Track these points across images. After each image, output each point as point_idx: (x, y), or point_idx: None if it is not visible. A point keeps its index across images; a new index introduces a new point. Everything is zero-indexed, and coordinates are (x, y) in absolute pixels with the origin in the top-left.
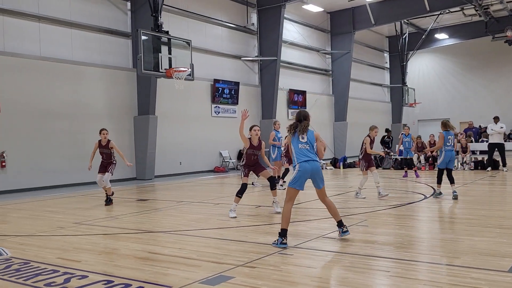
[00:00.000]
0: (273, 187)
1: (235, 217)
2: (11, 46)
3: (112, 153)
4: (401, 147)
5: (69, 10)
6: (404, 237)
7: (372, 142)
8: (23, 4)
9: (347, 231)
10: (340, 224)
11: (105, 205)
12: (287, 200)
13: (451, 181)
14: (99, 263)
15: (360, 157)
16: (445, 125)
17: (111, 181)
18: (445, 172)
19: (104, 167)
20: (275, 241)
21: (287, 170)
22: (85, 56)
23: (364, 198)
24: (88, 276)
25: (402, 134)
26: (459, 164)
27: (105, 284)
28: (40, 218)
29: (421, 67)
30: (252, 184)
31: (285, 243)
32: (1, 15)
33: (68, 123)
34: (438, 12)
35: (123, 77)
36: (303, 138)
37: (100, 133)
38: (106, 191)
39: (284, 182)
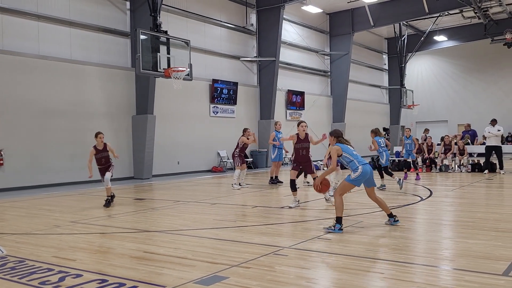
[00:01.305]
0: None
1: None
2: (10, 44)
3: (110, 156)
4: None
5: (68, 9)
6: (400, 239)
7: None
8: (22, 3)
9: (398, 220)
10: (390, 215)
11: (105, 206)
12: (341, 193)
13: (390, 174)
14: (94, 262)
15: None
16: (375, 132)
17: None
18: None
19: (105, 170)
20: (331, 227)
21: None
22: (84, 55)
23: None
24: (82, 275)
25: (404, 136)
26: (456, 166)
27: (99, 283)
28: (37, 216)
29: (419, 69)
30: (240, 184)
31: (342, 229)
32: (1, 13)
33: (66, 121)
34: (437, 14)
35: (121, 76)
36: (352, 146)
37: (96, 137)
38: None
39: (307, 182)
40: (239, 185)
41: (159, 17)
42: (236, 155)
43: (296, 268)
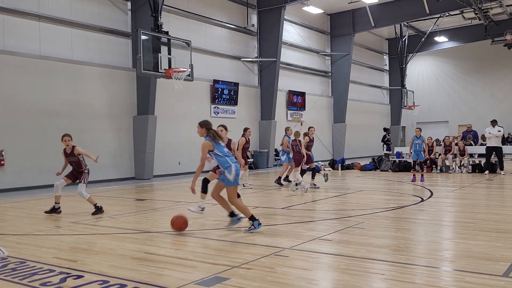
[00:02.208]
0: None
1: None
2: (11, 44)
3: (82, 160)
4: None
5: (69, 9)
6: (400, 240)
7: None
8: (23, 3)
9: (240, 218)
10: (232, 214)
11: (93, 214)
12: (235, 198)
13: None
14: (95, 263)
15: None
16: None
17: (110, 180)
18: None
19: (74, 176)
20: (250, 227)
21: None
22: (85, 56)
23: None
24: (83, 276)
25: (413, 136)
26: (457, 167)
27: (100, 284)
28: (38, 217)
29: (420, 70)
30: (243, 185)
31: (260, 223)
32: (1, 13)
33: (67, 122)
34: (438, 15)
35: (122, 77)
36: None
37: (62, 140)
38: (89, 201)
39: (314, 185)
40: (243, 185)
41: (160, 17)
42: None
43: (297, 269)
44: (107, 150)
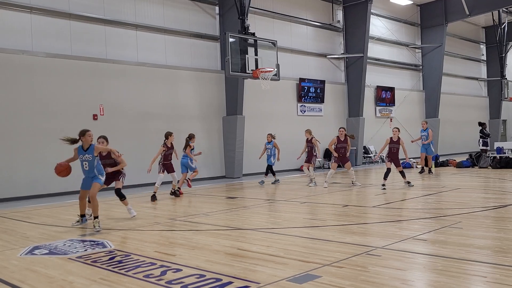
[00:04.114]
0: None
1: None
2: (113, 53)
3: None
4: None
5: (162, 17)
6: (504, 241)
7: (341, 142)
8: (122, 14)
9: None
10: (83, 215)
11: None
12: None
13: (273, 173)
14: (192, 258)
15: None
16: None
17: (202, 179)
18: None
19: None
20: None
21: (389, 170)
22: (178, 60)
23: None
24: (182, 270)
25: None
26: None
27: (197, 277)
28: (139, 214)
29: None
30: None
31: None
32: (104, 25)
33: (162, 123)
34: None
35: (212, 79)
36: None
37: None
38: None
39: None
40: (325, 182)
41: (247, 19)
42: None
43: (390, 269)
44: (199, 150)
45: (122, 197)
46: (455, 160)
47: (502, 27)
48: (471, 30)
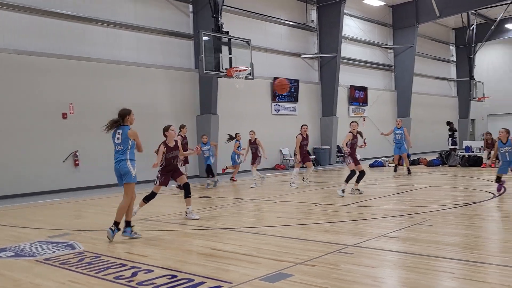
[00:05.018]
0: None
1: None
2: (83, 50)
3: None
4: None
5: (134, 14)
6: (471, 238)
7: (304, 139)
8: (93, 10)
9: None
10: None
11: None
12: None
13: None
14: (164, 258)
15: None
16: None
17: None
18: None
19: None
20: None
21: (353, 173)
22: (150, 58)
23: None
24: (153, 271)
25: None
26: None
27: (169, 278)
28: (112, 214)
29: (490, 60)
30: (303, 180)
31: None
32: (74, 21)
33: (135, 122)
34: (509, 1)
35: (186, 78)
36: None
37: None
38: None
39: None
40: (303, 181)
41: (221, 18)
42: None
43: (362, 267)
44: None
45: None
46: (425, 159)
47: (471, 28)
48: (441, 31)
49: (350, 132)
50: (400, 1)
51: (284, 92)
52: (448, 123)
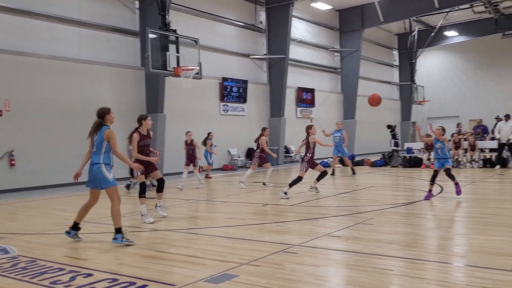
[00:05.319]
0: None
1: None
2: (20, 45)
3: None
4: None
5: (77, 9)
6: (410, 236)
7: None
8: (31, 3)
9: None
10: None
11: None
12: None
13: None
14: (105, 262)
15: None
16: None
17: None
18: None
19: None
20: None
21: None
22: (94, 55)
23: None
24: (93, 274)
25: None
26: (468, 162)
27: (110, 282)
28: (49, 217)
29: (430, 65)
30: (264, 184)
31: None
32: (11, 14)
33: (76, 121)
34: (448, 9)
35: (131, 76)
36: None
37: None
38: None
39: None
40: (264, 184)
41: (168, 16)
42: (256, 156)
43: (306, 266)
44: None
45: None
46: (369, 160)
47: (413, 34)
48: (385, 36)
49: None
50: (347, 6)
51: (375, 106)
52: (389, 127)
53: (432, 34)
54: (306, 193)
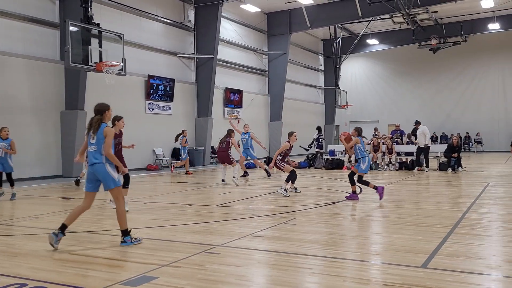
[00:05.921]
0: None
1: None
2: None
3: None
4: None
5: None
6: (329, 235)
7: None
8: None
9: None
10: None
11: None
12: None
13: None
14: (13, 266)
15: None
16: None
17: (35, 178)
18: None
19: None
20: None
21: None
22: (7, 46)
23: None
24: None
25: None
26: (385, 164)
27: (17, 287)
28: None
29: (353, 71)
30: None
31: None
32: None
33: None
34: (370, 19)
35: (49, 69)
36: None
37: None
38: None
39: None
40: (235, 180)
41: (91, 8)
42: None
43: (227, 266)
44: (32, 146)
45: None
46: (294, 161)
47: (337, 41)
48: (311, 41)
49: (288, 142)
50: (275, 9)
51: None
52: (319, 129)
53: (355, 41)
54: (232, 193)
